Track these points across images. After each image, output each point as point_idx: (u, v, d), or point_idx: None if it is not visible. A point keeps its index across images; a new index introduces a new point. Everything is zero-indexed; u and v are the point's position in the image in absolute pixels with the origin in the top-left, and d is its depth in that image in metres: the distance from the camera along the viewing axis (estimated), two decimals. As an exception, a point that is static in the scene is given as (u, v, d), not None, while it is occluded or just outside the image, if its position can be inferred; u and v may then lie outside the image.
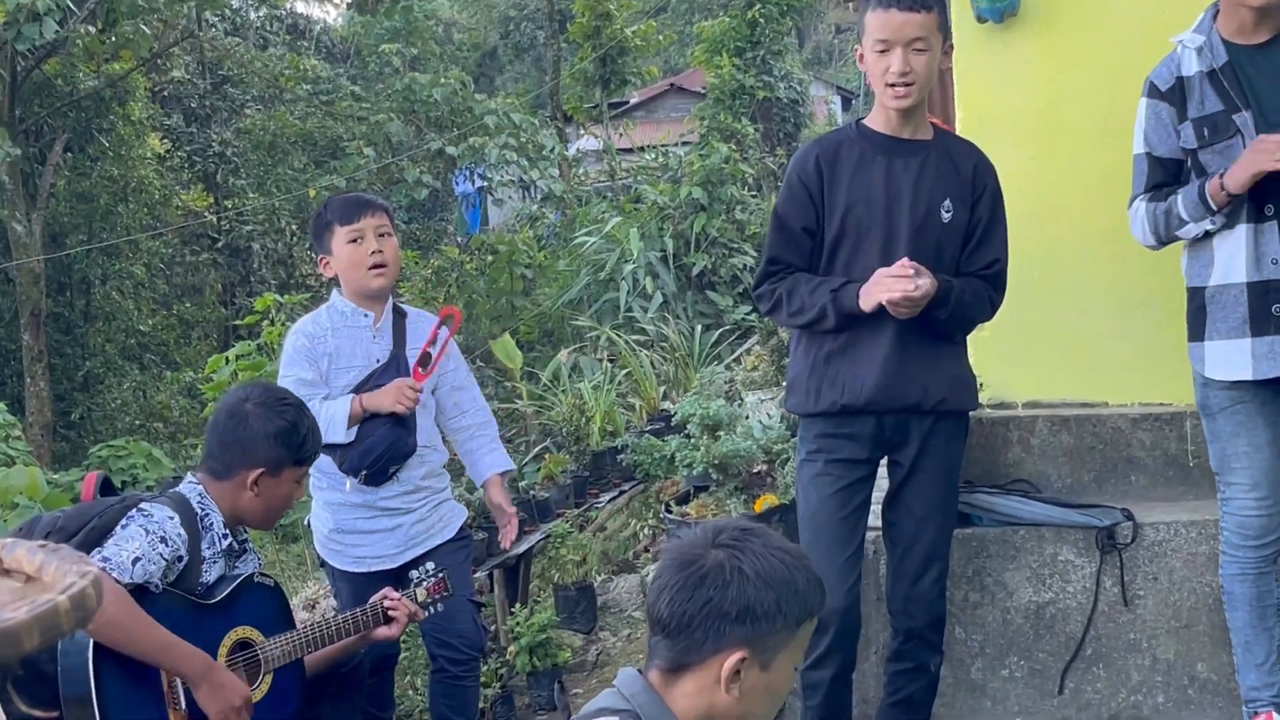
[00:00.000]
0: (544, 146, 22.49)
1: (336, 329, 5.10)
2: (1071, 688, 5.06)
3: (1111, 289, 5.39)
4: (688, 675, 2.59)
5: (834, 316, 4.35)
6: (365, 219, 5.05)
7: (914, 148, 4.48)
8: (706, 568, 2.57)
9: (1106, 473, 5.40)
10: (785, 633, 2.59)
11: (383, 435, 5.00)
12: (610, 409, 10.48)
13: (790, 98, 24.57)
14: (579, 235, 17.84)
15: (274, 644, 4.19)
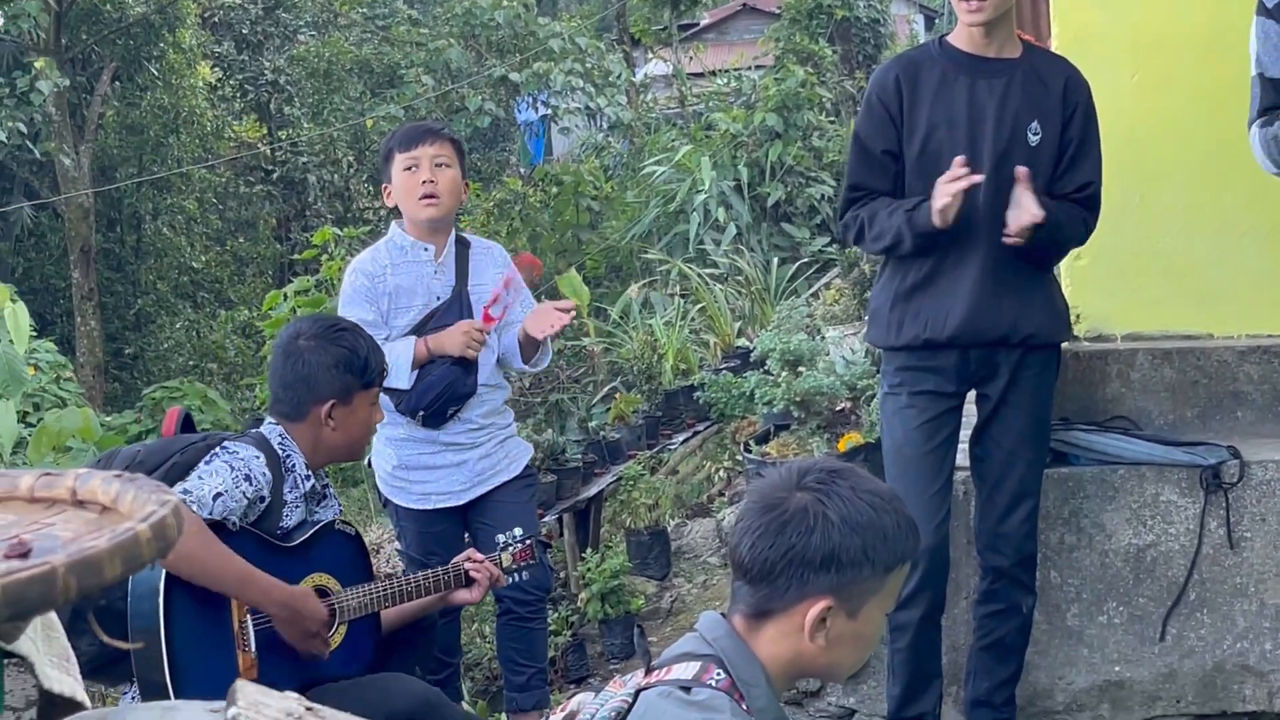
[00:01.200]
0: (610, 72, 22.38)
1: (396, 265, 5.10)
2: (1173, 634, 5.04)
3: (1216, 214, 5.34)
4: (771, 622, 2.59)
5: (909, 237, 4.35)
6: (422, 147, 5.05)
7: (999, 66, 4.46)
8: (790, 512, 2.55)
9: (1211, 408, 5.35)
10: (873, 580, 2.58)
11: (441, 375, 5.01)
12: (683, 346, 10.46)
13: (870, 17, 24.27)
14: (647, 165, 17.75)
15: (351, 594, 4.21)
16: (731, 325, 11.19)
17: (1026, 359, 4.52)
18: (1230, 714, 5.05)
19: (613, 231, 17.24)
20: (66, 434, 6.05)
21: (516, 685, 5.33)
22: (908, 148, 4.48)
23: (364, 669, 4.26)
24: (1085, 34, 5.38)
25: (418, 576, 4.39)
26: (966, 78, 4.45)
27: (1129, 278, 5.47)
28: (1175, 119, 5.33)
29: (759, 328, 10.17)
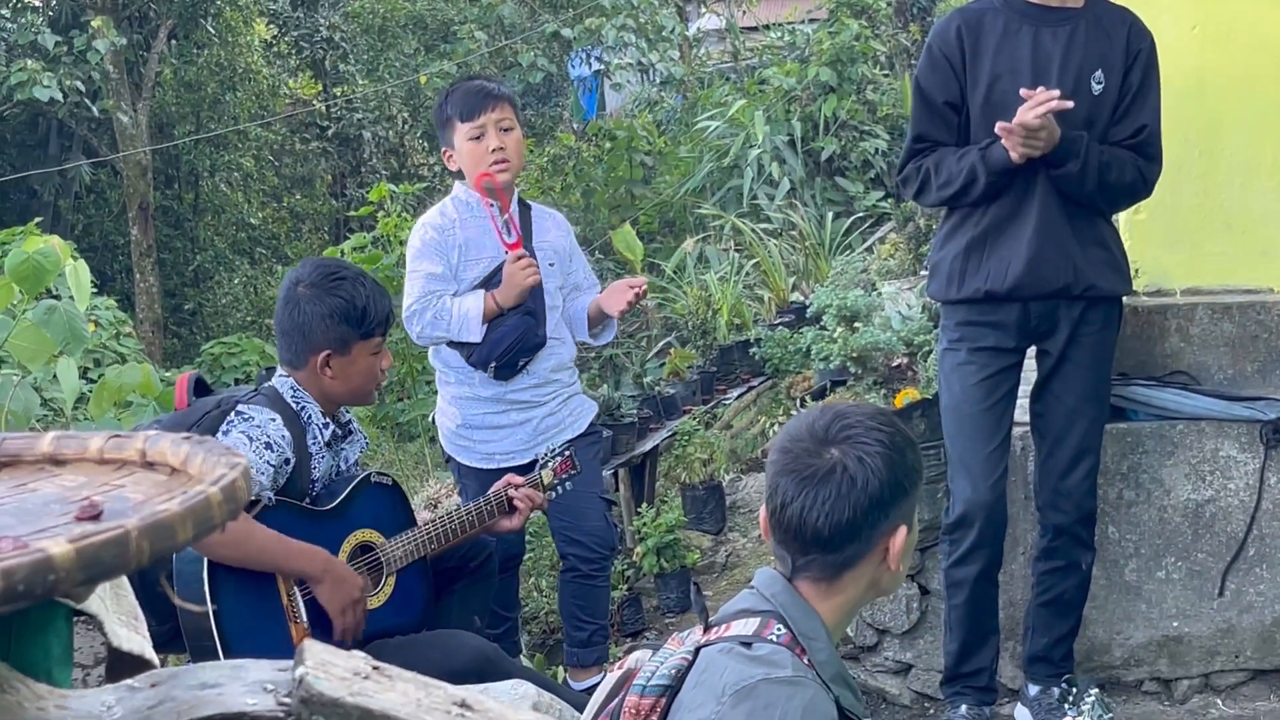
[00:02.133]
0: (663, 27, 22.27)
1: (464, 220, 5.12)
2: (1233, 590, 5.02)
3: (1278, 168, 5.28)
4: (850, 571, 2.63)
5: (984, 175, 4.33)
6: (486, 114, 5.05)
7: (1062, 15, 4.44)
8: (848, 471, 2.58)
9: (1272, 363, 5.29)
10: (918, 489, 2.71)
11: (513, 326, 5.03)
12: (737, 301, 10.43)
13: (925, -31, 24.12)
14: (701, 120, 17.69)
15: (395, 544, 4.23)
16: (786, 280, 11.13)
17: (1088, 314, 4.49)
18: (1290, 670, 5.03)
19: (666, 186, 17.19)
20: (127, 389, 6.07)
21: (578, 641, 5.34)
22: (971, 98, 4.46)
23: (417, 616, 4.28)
24: (1146, -16, 5.31)
25: (459, 512, 4.42)
26: (1030, 27, 4.43)
27: (1188, 232, 5.42)
28: (1237, 71, 5.26)
29: (813, 283, 10.13)
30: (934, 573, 4.99)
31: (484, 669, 4.07)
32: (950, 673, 4.76)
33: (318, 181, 26.73)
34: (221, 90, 24.32)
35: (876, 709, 5.29)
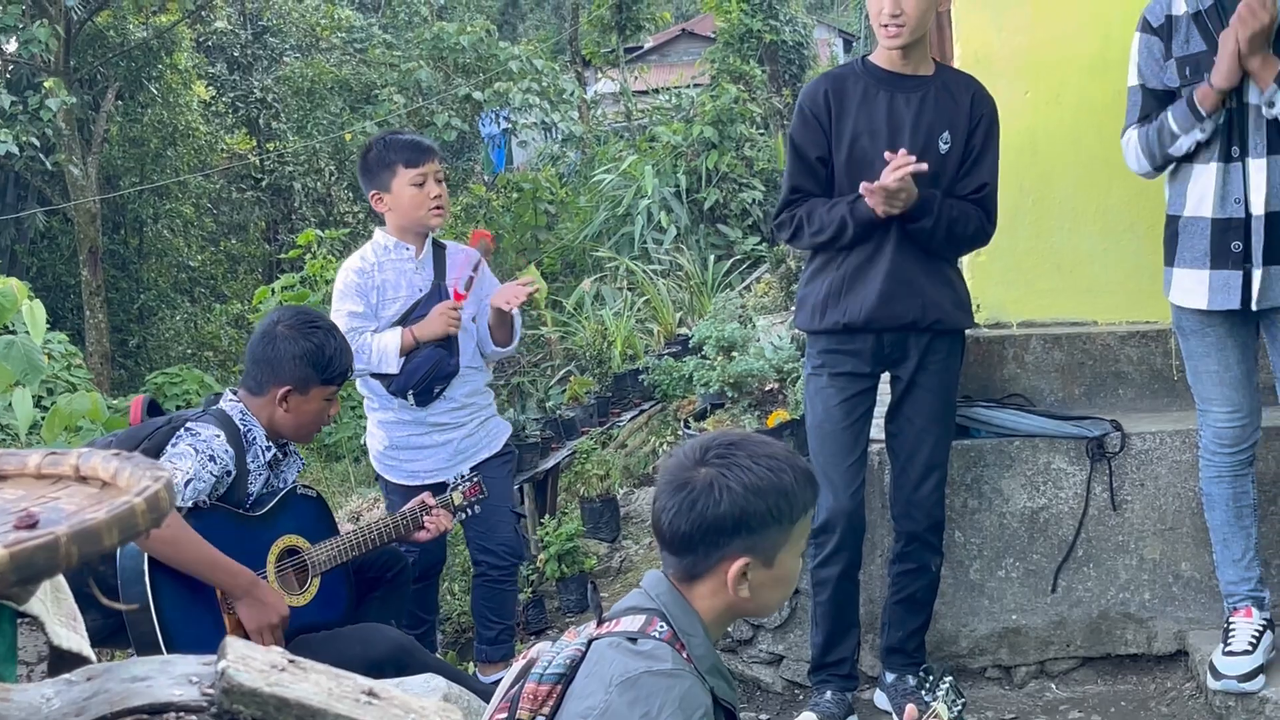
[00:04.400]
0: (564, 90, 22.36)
1: (382, 264, 5.14)
2: (1064, 587, 5.08)
3: (1100, 214, 5.37)
4: (700, 583, 2.63)
5: (852, 227, 4.39)
6: (428, 164, 5.09)
7: (915, 83, 4.49)
8: (698, 488, 2.57)
9: (1096, 387, 5.39)
10: (781, 533, 2.62)
11: (426, 356, 5.06)
12: (630, 334, 10.48)
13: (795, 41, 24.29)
14: (598, 173, 17.76)
15: (319, 549, 4.24)
16: (673, 315, 11.20)
17: (934, 344, 4.55)
18: (1114, 656, 5.10)
19: (567, 232, 17.23)
20: (77, 416, 6.00)
21: (487, 639, 5.36)
22: (836, 154, 4.51)
23: (341, 615, 4.28)
24: (984, 54, 5.40)
25: (377, 524, 4.45)
26: (886, 92, 4.49)
27: (1023, 271, 5.51)
28: (1064, 129, 5.36)
29: (697, 317, 10.19)
30: (803, 573, 5.03)
31: (402, 659, 4.08)
32: (816, 662, 4.79)
33: (252, 227, 26.51)
34: (163, 145, 24.07)
35: (752, 696, 5.31)
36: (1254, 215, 4.15)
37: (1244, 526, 4.48)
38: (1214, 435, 4.45)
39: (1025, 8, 5.40)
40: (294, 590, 4.14)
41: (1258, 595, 4.53)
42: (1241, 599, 4.52)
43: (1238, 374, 4.36)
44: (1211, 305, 4.26)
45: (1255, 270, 4.17)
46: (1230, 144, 4.15)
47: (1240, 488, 4.46)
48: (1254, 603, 4.52)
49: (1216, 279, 4.24)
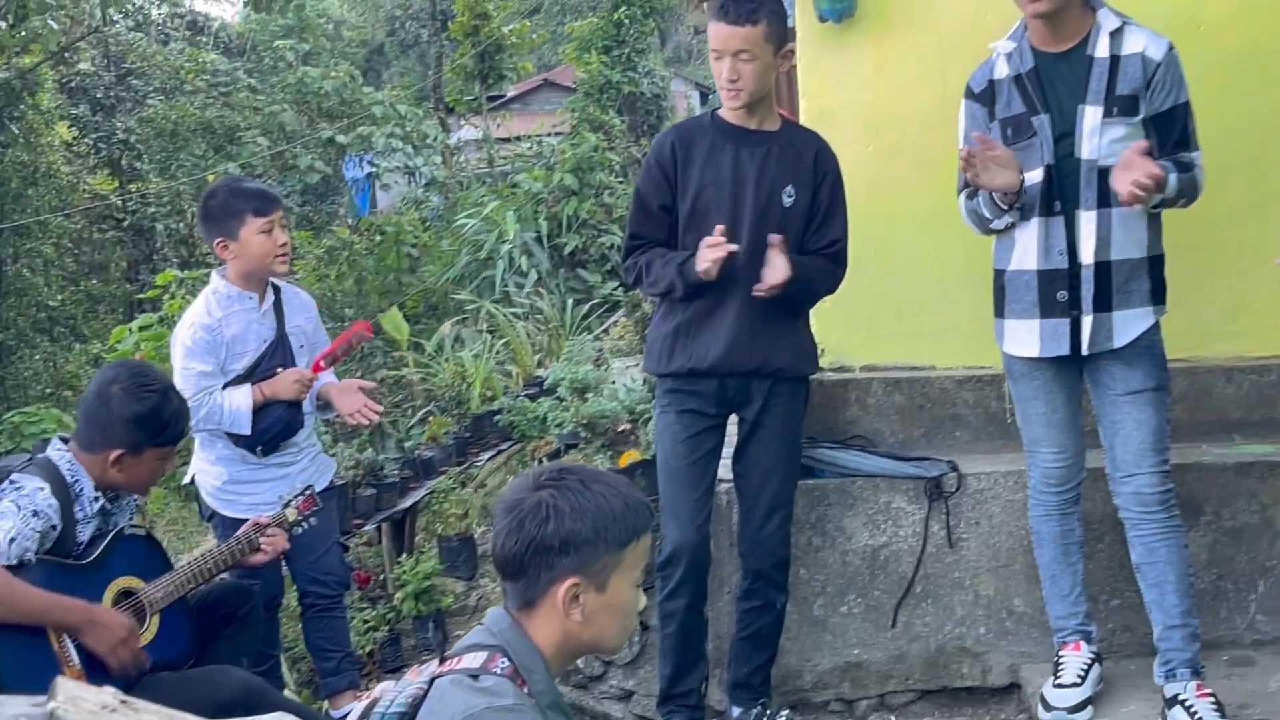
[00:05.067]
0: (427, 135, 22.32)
1: (229, 315, 5.09)
2: (903, 622, 5.16)
3: (938, 264, 5.48)
4: (536, 610, 2.62)
5: (681, 286, 4.46)
6: (275, 213, 5.08)
7: (760, 137, 4.56)
8: (526, 509, 2.59)
9: (934, 429, 5.50)
10: (611, 555, 2.62)
11: (278, 418, 5.09)
12: (489, 375, 10.43)
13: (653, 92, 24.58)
14: (460, 218, 17.72)
15: (154, 587, 4.16)
16: (532, 357, 11.18)
17: (777, 388, 4.61)
18: (950, 689, 5.17)
19: (429, 275, 17.12)
20: (-70, 455, 5.85)
21: (329, 670, 5.32)
22: (681, 204, 4.56)
23: (184, 650, 4.20)
24: (829, 111, 5.50)
25: (211, 552, 4.40)
26: (733, 146, 4.55)
27: (866, 317, 5.60)
28: (904, 182, 5.47)
29: (556, 360, 10.19)
30: (652, 609, 5.05)
31: (251, 700, 4.00)
32: (664, 693, 4.80)
33: (113, 267, 26.01)
34: (24, 185, 23.51)
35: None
36: (1083, 265, 4.27)
37: (1071, 563, 4.59)
38: (1042, 475, 4.56)
39: (867, 66, 5.51)
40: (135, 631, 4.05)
41: (1085, 629, 4.63)
42: (1070, 633, 4.63)
43: (1064, 416, 4.48)
44: (1043, 353, 4.37)
45: (1085, 317, 4.28)
46: (1051, 199, 4.27)
47: (1067, 526, 4.57)
48: (1082, 637, 4.62)
49: (1046, 328, 4.35)
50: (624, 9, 23.35)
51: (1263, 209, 5.37)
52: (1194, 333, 5.37)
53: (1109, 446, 4.40)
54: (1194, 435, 5.29)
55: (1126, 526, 4.44)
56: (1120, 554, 4.67)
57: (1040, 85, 4.29)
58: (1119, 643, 5.00)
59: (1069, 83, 4.26)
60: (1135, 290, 4.29)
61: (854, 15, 5.45)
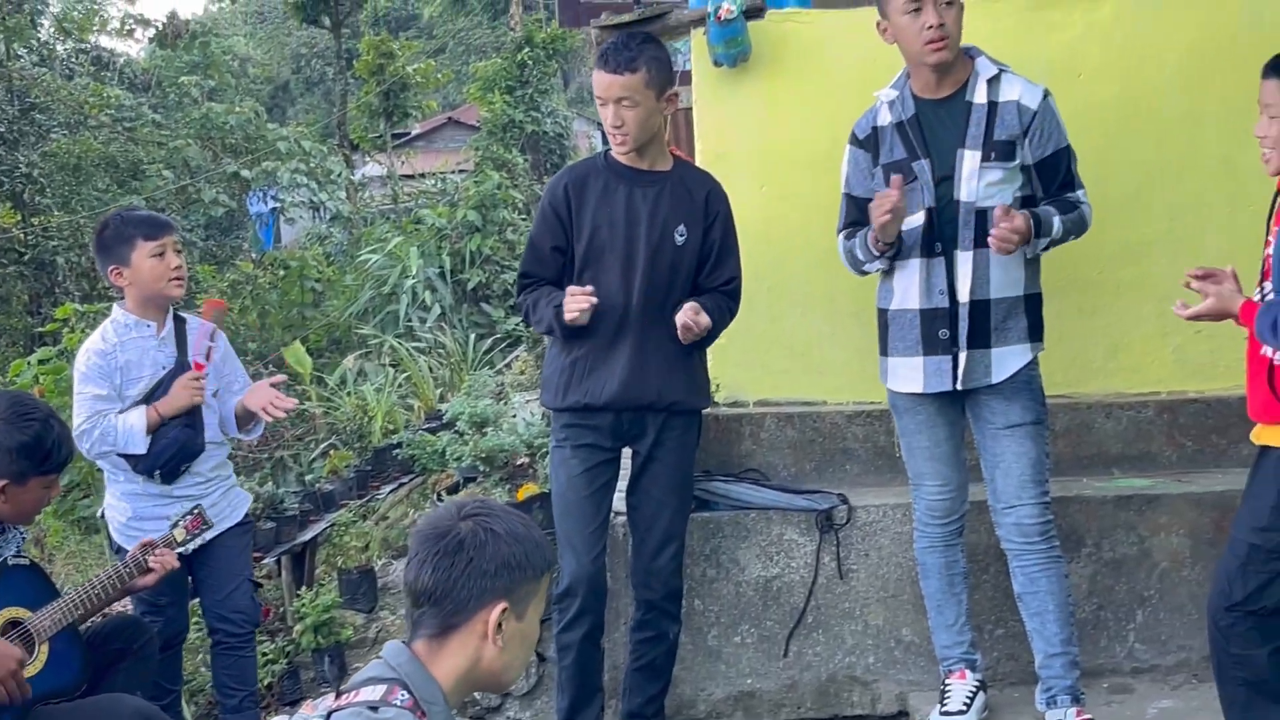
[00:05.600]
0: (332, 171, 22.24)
1: (124, 343, 5.03)
2: (795, 651, 5.18)
3: (828, 301, 5.53)
4: (454, 637, 2.61)
5: (558, 328, 4.50)
6: (166, 236, 5.02)
7: (653, 178, 4.59)
8: (463, 534, 2.60)
9: (825, 462, 5.53)
10: (533, 582, 2.66)
11: (174, 438, 4.96)
12: (391, 409, 10.39)
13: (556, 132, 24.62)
14: (364, 253, 17.65)
15: (41, 616, 4.09)
16: (434, 391, 11.15)
17: (671, 421, 4.63)
18: (841, 717, 5.19)
19: (333, 310, 17.01)
20: None
21: (231, 708, 5.22)
22: (576, 245, 4.57)
23: (75, 678, 4.12)
24: (723, 152, 5.54)
25: (99, 577, 4.32)
26: (625, 186, 4.57)
27: (759, 354, 5.63)
28: (795, 222, 5.51)
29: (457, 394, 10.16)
30: (550, 641, 5.03)
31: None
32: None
33: (14, 300, 25.51)
34: (-78, 217, 23.10)
35: (499, 762, 5.28)
36: (960, 303, 4.34)
37: (956, 594, 4.64)
38: (926, 508, 4.61)
39: (760, 111, 5.56)
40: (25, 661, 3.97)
41: (970, 658, 4.68)
42: (955, 662, 4.67)
43: (947, 451, 4.53)
44: (927, 389, 4.43)
45: (961, 353, 4.35)
46: (932, 241, 4.34)
47: (951, 557, 4.62)
48: (967, 665, 4.67)
49: (929, 365, 4.41)
50: (527, 51, 23.42)
51: (1141, 250, 5.47)
52: (1075, 370, 5.47)
53: (990, 479, 4.46)
54: (1075, 469, 5.38)
55: (1009, 557, 4.50)
56: (1004, 584, 4.73)
57: (921, 131, 4.36)
58: (1003, 671, 5.05)
59: (948, 128, 4.33)
60: (1012, 328, 4.37)
61: (748, 61, 5.50)
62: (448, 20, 43.12)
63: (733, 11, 5.34)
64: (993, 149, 4.28)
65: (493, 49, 35.04)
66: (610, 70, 4.44)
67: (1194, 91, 5.41)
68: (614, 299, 4.49)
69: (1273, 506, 3.69)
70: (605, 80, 4.46)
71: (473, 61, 32.15)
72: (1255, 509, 3.77)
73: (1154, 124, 5.44)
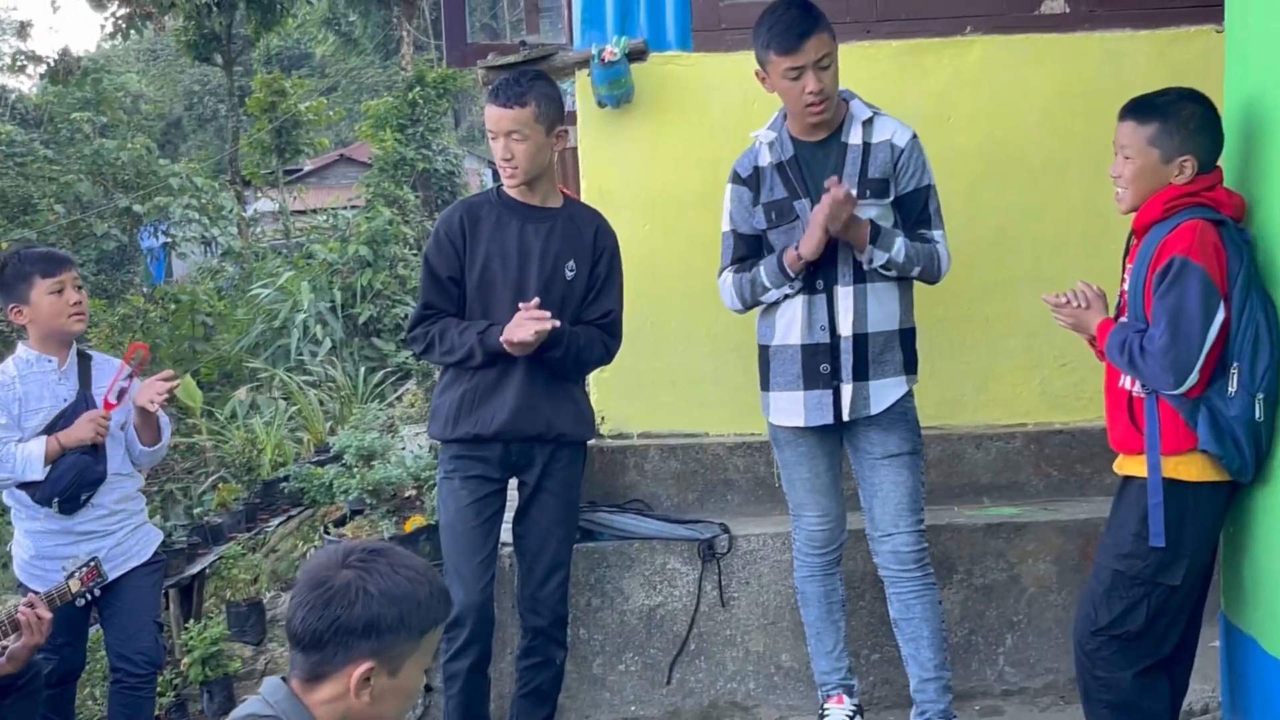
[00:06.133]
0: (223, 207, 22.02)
1: (23, 376, 4.96)
2: (678, 678, 5.17)
3: (709, 337, 5.54)
4: (324, 684, 2.53)
5: (481, 354, 4.44)
6: (65, 273, 4.96)
7: (544, 213, 4.58)
8: (335, 587, 2.49)
9: (707, 493, 5.55)
10: (410, 643, 2.55)
11: (71, 464, 4.88)
12: (280, 442, 10.27)
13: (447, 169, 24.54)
14: (255, 287, 17.51)
15: None
16: (323, 424, 11.04)
17: (558, 453, 4.60)
18: (723, 742, 5.20)
19: (224, 343, 16.82)
20: None
21: None
22: (469, 276, 4.55)
23: None
24: (608, 190, 5.54)
25: None
26: (517, 221, 4.56)
27: (643, 387, 5.63)
28: (678, 259, 5.52)
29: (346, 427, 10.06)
30: (437, 670, 4.97)
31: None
32: (447, 756, 4.72)
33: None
34: None
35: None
36: (842, 337, 4.37)
37: (834, 621, 4.66)
38: (806, 538, 4.63)
39: (643, 150, 5.57)
40: None
41: (848, 683, 4.70)
42: (834, 687, 4.69)
43: (826, 482, 4.56)
44: (809, 423, 4.45)
45: (845, 386, 4.38)
46: (814, 278, 4.37)
47: (830, 585, 4.64)
48: (845, 690, 4.69)
49: (810, 399, 4.44)
50: (418, 90, 23.36)
51: (1008, 288, 5.56)
52: (947, 402, 5.53)
53: (868, 508, 4.50)
54: (947, 498, 5.43)
55: (885, 584, 4.53)
56: (880, 611, 4.76)
57: (800, 172, 4.40)
58: (879, 695, 5.09)
59: (826, 168, 4.37)
60: (889, 360, 4.42)
61: (631, 102, 5.52)
62: (340, 59, 42.94)
63: (616, 54, 5.36)
64: (868, 186, 4.34)
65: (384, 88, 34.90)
66: (501, 104, 4.44)
67: (1057, 136, 5.51)
68: (501, 346, 4.46)
69: (1135, 534, 3.75)
70: (496, 114, 4.46)
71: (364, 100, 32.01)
72: (1119, 537, 3.83)
73: (1019, 167, 5.54)
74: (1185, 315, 3.55)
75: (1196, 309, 3.54)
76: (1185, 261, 3.57)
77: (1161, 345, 3.57)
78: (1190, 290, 3.56)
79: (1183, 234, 3.60)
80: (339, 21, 37.66)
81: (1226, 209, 3.70)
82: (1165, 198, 3.70)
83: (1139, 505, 3.74)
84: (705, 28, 5.59)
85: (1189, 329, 3.55)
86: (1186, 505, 3.69)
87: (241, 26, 27.32)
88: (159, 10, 25.17)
